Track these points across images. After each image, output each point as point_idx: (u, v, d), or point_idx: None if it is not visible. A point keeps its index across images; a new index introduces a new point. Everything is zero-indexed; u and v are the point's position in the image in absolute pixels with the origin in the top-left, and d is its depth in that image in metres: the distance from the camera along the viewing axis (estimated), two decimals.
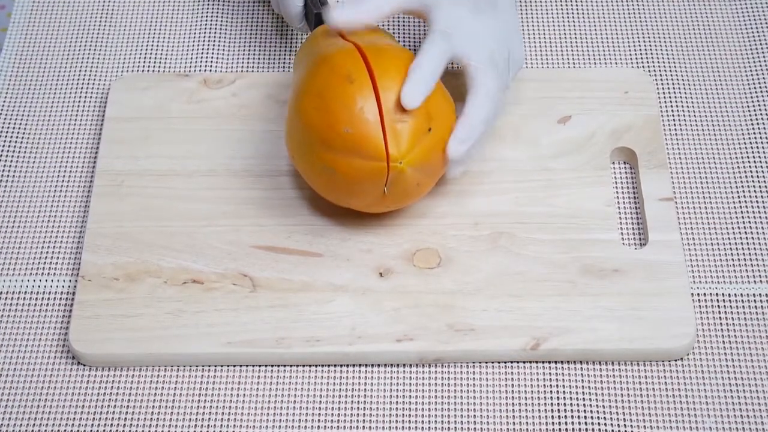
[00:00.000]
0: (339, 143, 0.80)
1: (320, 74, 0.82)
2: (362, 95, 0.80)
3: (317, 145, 0.81)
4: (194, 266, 0.84)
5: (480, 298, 0.82)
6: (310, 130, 0.81)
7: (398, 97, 0.80)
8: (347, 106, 0.80)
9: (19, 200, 0.90)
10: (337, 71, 0.81)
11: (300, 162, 0.84)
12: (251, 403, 0.80)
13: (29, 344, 0.83)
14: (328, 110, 0.80)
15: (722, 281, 0.85)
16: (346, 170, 0.81)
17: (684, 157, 0.91)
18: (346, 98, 0.80)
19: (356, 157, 0.80)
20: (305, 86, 0.83)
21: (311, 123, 0.81)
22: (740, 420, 0.79)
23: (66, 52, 0.98)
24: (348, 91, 0.80)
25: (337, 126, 0.80)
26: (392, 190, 0.81)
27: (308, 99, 0.82)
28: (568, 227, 0.86)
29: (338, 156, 0.80)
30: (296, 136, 0.83)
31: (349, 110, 0.80)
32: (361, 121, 0.80)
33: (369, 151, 0.80)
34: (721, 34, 0.98)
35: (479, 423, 0.79)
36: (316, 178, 0.83)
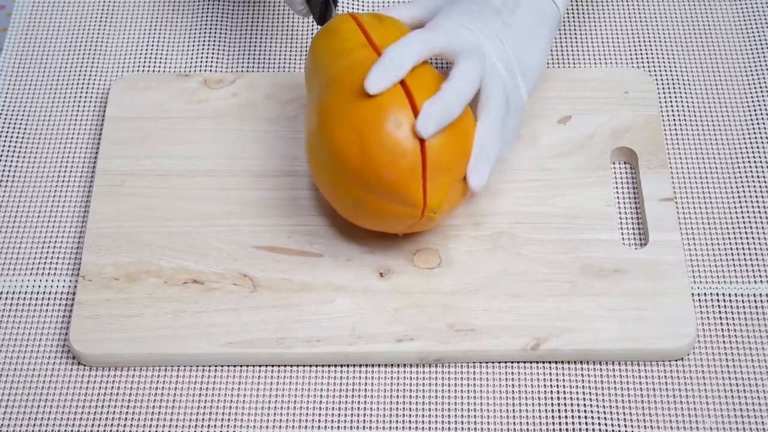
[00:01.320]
0: (375, 185, 0.78)
1: (361, 109, 0.78)
2: (408, 143, 0.77)
3: (349, 179, 0.79)
4: (194, 266, 0.84)
5: (480, 298, 0.82)
6: (343, 163, 0.78)
7: (443, 145, 0.78)
8: (390, 153, 0.77)
9: (19, 200, 0.90)
10: (382, 113, 0.78)
11: (324, 185, 0.82)
12: (251, 403, 0.80)
13: (29, 344, 0.83)
14: (368, 152, 0.77)
15: (723, 281, 0.85)
16: (377, 209, 0.79)
17: (684, 157, 0.91)
18: (391, 144, 0.77)
19: (392, 202, 0.78)
20: (338, 114, 0.79)
21: (345, 158, 0.78)
22: (741, 420, 0.79)
23: (66, 52, 0.98)
24: (393, 136, 0.77)
25: (376, 170, 0.77)
26: (415, 228, 0.81)
27: (344, 132, 0.78)
28: (568, 227, 0.86)
29: (371, 195, 0.78)
30: (324, 162, 0.80)
31: (392, 157, 0.77)
32: (403, 170, 0.77)
33: (407, 200, 0.78)
34: (722, 34, 0.98)
35: (479, 423, 0.79)
36: (340, 201, 0.81)
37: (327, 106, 0.80)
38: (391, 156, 0.77)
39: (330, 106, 0.80)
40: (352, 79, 0.80)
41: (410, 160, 0.77)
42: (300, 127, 0.91)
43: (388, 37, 0.83)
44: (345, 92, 0.79)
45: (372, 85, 0.78)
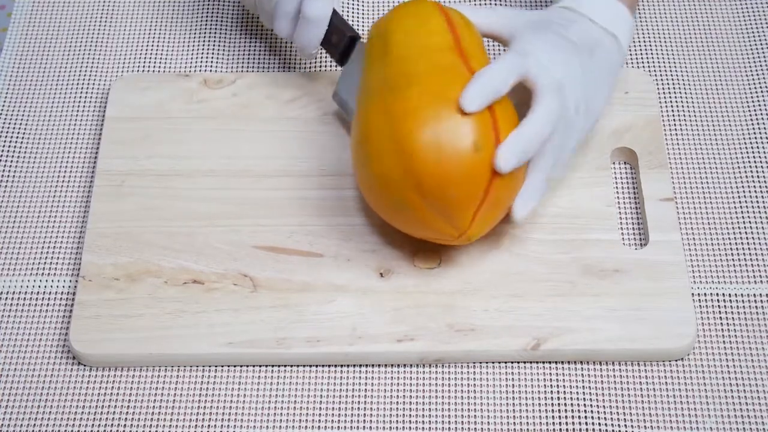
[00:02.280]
0: (434, 197, 0.77)
1: (447, 120, 0.77)
2: (484, 171, 0.78)
3: (410, 181, 0.78)
4: (195, 266, 0.84)
5: (480, 298, 0.82)
6: (411, 165, 0.77)
7: (506, 184, 0.79)
8: (465, 174, 0.77)
9: (19, 200, 0.90)
10: (468, 131, 0.77)
11: (372, 174, 0.80)
12: (251, 403, 0.80)
13: (29, 344, 0.83)
14: (444, 165, 0.76)
15: (723, 281, 0.85)
16: (420, 217, 0.79)
17: (684, 158, 0.91)
18: (468, 167, 0.77)
19: (439, 217, 0.78)
20: (420, 116, 0.77)
21: (417, 161, 0.77)
22: (741, 420, 0.79)
23: (66, 52, 0.98)
24: (473, 159, 0.77)
25: (445, 185, 0.77)
26: (440, 241, 0.82)
27: (423, 136, 0.77)
28: (568, 227, 0.86)
29: (424, 204, 0.78)
30: (384, 154, 0.78)
31: (465, 178, 0.77)
32: (468, 194, 0.78)
33: (455, 222, 0.79)
34: (722, 34, 0.98)
35: (479, 423, 0.79)
36: (382, 196, 0.80)
37: (407, 104, 0.78)
38: (464, 177, 0.77)
39: (410, 104, 0.78)
40: (438, 83, 0.78)
41: (477, 188, 0.78)
42: (300, 127, 0.91)
43: (473, 46, 0.82)
44: (429, 95, 0.78)
45: (469, 103, 0.77)
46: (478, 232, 0.80)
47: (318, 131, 0.91)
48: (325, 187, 0.88)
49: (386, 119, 0.78)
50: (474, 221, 0.79)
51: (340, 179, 0.88)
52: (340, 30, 0.88)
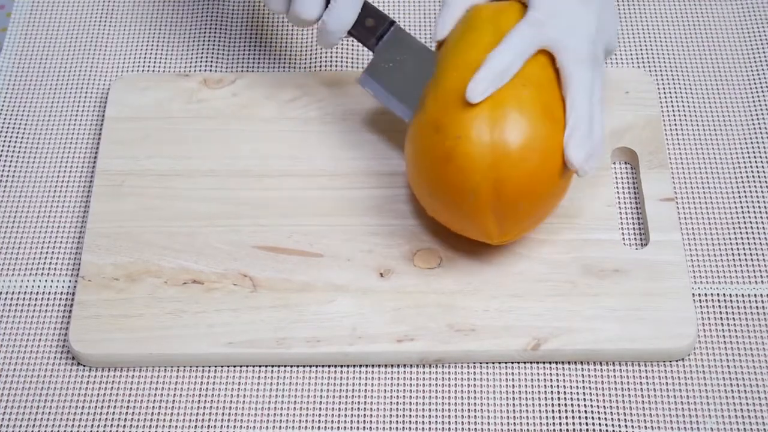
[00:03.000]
0: (503, 201, 0.79)
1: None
2: (560, 194, 0.81)
3: (489, 176, 0.78)
4: (194, 266, 0.84)
5: (480, 298, 0.82)
6: (498, 165, 0.77)
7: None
8: (543, 194, 0.79)
9: (19, 200, 0.90)
10: (557, 151, 0.79)
11: (439, 157, 0.79)
12: (251, 403, 0.80)
13: (29, 344, 0.83)
14: (529, 185, 0.78)
15: (723, 281, 0.85)
16: (475, 210, 0.79)
17: (685, 157, 0.91)
18: (550, 189, 0.80)
19: (492, 217, 0.79)
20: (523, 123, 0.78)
21: (504, 164, 0.77)
22: (741, 420, 0.79)
23: (66, 52, 0.98)
24: (556, 183, 0.80)
25: (521, 196, 0.78)
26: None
27: (520, 146, 0.77)
28: (568, 227, 0.86)
29: (488, 201, 0.78)
30: (476, 143, 0.77)
31: (541, 197, 0.79)
32: (533, 209, 0.80)
33: (505, 227, 0.80)
34: (722, 33, 0.98)
35: (479, 423, 0.79)
36: (438, 180, 0.80)
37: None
38: (542, 197, 0.80)
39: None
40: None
41: (547, 209, 0.81)
42: (300, 127, 0.91)
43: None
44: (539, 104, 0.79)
45: (473, 95, 0.77)
46: (515, 238, 0.82)
47: (318, 131, 0.91)
48: (325, 187, 0.88)
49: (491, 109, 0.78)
50: (520, 230, 0.81)
51: (340, 179, 0.88)
52: (379, 14, 0.86)
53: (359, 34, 0.86)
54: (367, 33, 0.86)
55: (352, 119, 0.91)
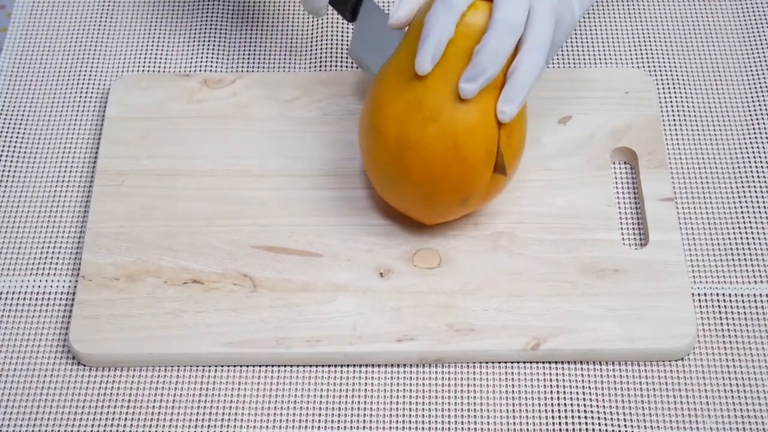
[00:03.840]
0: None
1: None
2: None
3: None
4: (194, 266, 0.84)
5: (480, 298, 0.82)
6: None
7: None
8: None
9: (19, 200, 0.90)
10: (475, 147, 0.79)
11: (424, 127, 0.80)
12: (251, 403, 0.80)
13: (29, 344, 0.83)
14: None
15: (723, 281, 0.85)
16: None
17: (684, 157, 0.91)
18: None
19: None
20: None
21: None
22: (741, 420, 0.79)
23: (66, 52, 0.98)
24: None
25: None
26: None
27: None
28: (568, 227, 0.86)
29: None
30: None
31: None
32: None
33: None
34: (721, 33, 0.98)
35: (479, 423, 0.79)
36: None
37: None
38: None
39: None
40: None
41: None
42: (300, 127, 0.91)
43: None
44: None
45: (421, 67, 0.78)
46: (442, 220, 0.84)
47: (318, 131, 0.91)
48: (325, 187, 0.88)
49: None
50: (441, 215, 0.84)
51: (339, 179, 0.88)
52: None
53: (337, 6, 0.90)
54: (341, 7, 0.90)
55: (352, 119, 0.91)
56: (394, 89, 0.80)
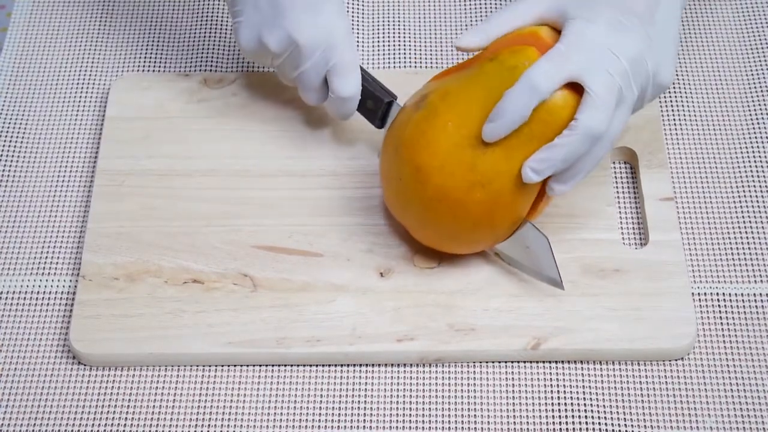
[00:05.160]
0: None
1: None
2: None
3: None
4: (194, 266, 0.84)
5: (480, 298, 0.82)
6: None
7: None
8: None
9: (19, 200, 0.90)
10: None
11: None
12: (251, 403, 0.80)
13: (29, 344, 0.83)
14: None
15: (723, 281, 0.85)
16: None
17: (684, 157, 0.91)
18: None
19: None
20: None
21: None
22: (741, 420, 0.79)
23: (66, 52, 0.98)
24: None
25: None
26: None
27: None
28: (568, 227, 0.86)
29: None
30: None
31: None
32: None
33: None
34: (722, 33, 0.98)
35: (479, 423, 0.79)
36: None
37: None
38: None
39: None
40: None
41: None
42: (300, 127, 0.91)
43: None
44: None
45: (489, 136, 0.77)
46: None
47: (318, 131, 0.91)
48: (325, 186, 0.88)
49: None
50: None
51: (340, 179, 0.88)
52: (376, 96, 0.87)
53: (364, 113, 0.88)
54: (369, 113, 0.88)
55: (352, 119, 0.91)
56: (451, 138, 0.78)
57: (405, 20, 1.00)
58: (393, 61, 0.97)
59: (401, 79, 0.92)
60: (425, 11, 1.00)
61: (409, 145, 0.79)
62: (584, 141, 0.76)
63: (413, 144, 0.79)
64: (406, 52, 0.97)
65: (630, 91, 0.77)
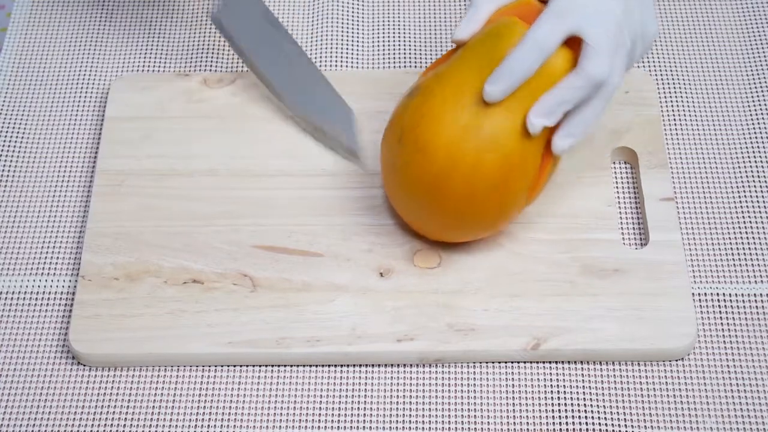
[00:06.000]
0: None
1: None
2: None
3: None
4: (194, 266, 0.84)
5: (480, 298, 0.82)
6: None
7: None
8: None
9: (19, 200, 0.90)
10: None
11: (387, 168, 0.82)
12: (251, 403, 0.80)
13: (29, 344, 0.83)
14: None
15: (723, 281, 0.85)
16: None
17: (684, 157, 0.91)
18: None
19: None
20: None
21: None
22: (741, 420, 0.79)
23: (66, 52, 0.98)
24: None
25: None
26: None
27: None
28: (568, 227, 0.86)
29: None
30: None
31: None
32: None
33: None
34: (722, 33, 0.98)
35: (479, 423, 0.79)
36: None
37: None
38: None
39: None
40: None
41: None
42: (299, 127, 0.91)
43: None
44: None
45: (492, 96, 0.77)
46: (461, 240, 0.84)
47: None
48: (325, 187, 0.88)
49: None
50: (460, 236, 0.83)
51: (340, 179, 0.88)
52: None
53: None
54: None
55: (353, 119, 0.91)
56: (451, 112, 0.78)
57: (405, 20, 1.00)
58: (393, 61, 0.97)
59: (401, 79, 0.92)
60: (425, 11, 1.00)
61: (411, 130, 0.79)
62: (586, 85, 0.77)
63: (414, 127, 0.79)
64: (406, 52, 0.97)
65: (624, 39, 0.79)
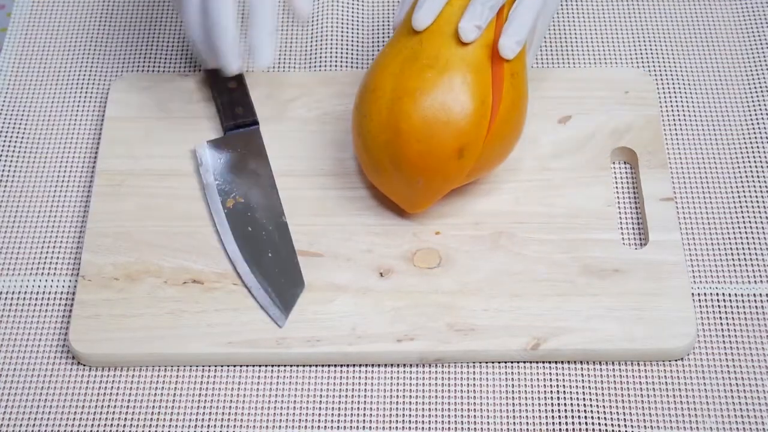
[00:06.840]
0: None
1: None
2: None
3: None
4: (194, 266, 0.84)
5: (480, 298, 0.82)
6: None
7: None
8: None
9: (19, 200, 0.90)
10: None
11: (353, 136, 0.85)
12: (251, 403, 0.80)
13: (29, 344, 0.83)
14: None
15: (723, 281, 0.85)
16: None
17: (684, 157, 0.91)
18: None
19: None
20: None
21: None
22: (741, 420, 0.79)
23: (66, 52, 0.98)
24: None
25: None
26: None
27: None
28: (568, 227, 0.86)
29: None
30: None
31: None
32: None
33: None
34: (721, 33, 0.98)
35: (479, 423, 0.79)
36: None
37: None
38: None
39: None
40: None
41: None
42: (300, 127, 0.91)
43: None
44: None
45: (466, 34, 0.80)
46: (422, 209, 0.86)
47: (318, 131, 0.91)
48: (325, 187, 0.88)
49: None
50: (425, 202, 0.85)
51: (340, 179, 0.88)
52: (251, 107, 0.91)
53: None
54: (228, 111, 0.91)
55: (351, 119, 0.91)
56: (389, 55, 0.83)
57: None
58: None
59: None
60: None
61: (361, 92, 0.84)
62: None
63: (363, 85, 0.84)
64: None
65: None
